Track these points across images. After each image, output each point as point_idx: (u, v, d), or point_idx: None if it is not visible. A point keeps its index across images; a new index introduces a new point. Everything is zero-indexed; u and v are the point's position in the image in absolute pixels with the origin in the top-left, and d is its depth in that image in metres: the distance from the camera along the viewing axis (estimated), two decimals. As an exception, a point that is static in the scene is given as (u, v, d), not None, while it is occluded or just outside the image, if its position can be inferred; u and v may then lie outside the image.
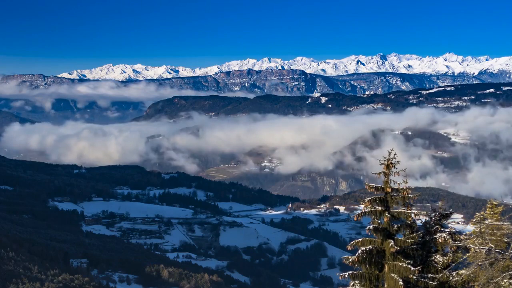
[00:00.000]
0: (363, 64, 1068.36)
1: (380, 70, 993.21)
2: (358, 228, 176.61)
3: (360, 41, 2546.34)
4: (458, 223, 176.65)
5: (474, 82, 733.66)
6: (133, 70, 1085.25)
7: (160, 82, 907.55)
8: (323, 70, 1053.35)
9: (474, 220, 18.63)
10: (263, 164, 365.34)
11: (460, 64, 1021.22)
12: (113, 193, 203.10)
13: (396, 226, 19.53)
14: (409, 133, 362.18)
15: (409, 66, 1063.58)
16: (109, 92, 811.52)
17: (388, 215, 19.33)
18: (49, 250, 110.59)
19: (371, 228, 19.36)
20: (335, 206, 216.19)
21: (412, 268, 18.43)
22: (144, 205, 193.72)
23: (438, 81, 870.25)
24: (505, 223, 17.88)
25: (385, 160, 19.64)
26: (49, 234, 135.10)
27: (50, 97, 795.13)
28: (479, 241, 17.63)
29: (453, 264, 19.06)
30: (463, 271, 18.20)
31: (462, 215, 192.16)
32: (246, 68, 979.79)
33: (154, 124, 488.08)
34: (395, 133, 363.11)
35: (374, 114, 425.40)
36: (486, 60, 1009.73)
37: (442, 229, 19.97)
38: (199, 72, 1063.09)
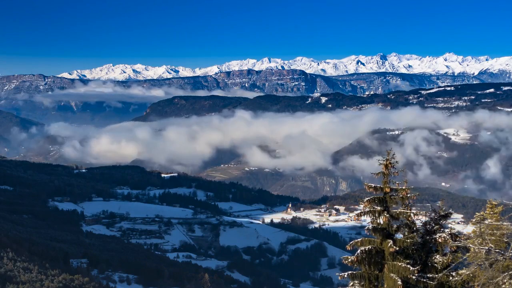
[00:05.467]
0: (363, 64, 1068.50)
1: (380, 70, 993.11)
2: (358, 228, 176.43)
3: (360, 41, 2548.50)
4: (458, 223, 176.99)
5: (474, 82, 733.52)
6: (133, 70, 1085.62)
7: (160, 82, 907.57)
8: (323, 70, 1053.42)
9: (474, 220, 18.60)
10: (263, 164, 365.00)
11: (460, 64, 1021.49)
12: (113, 193, 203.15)
13: (395, 226, 19.50)
14: (409, 132, 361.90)
15: (409, 66, 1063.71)
16: (109, 92, 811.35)
17: (387, 215, 19.30)
18: (49, 250, 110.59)
19: (370, 228, 19.34)
20: (335, 206, 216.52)
21: (411, 268, 18.40)
22: (144, 205, 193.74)
23: (438, 81, 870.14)
24: (504, 223, 17.85)
25: (384, 160, 19.61)
26: (49, 234, 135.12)
27: (50, 97, 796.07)
28: (479, 241, 17.60)
29: (453, 264, 19.03)
30: (463, 271, 18.17)
31: (462, 215, 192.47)
32: (246, 68, 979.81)
33: (154, 124, 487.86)
34: (395, 133, 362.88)
35: (374, 114, 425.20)
36: (486, 60, 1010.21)
37: (442, 229, 19.94)
38: (199, 72, 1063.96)
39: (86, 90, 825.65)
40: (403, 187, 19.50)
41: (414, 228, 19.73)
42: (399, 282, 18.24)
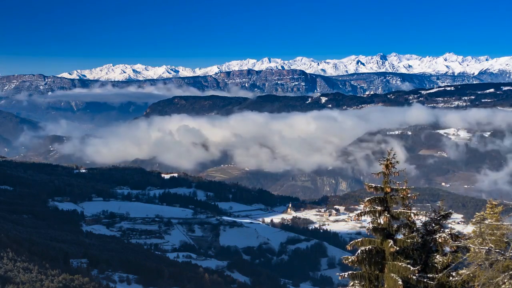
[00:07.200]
0: (363, 64, 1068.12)
1: (380, 70, 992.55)
2: (358, 228, 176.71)
3: (360, 41, 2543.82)
4: (458, 223, 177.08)
5: (474, 82, 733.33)
6: (133, 70, 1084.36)
7: (160, 82, 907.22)
8: (323, 70, 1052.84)
9: (474, 220, 18.62)
10: (263, 164, 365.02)
11: (460, 64, 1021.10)
12: (113, 193, 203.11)
13: (395, 226, 19.53)
14: (409, 133, 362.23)
15: (409, 66, 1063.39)
16: (109, 92, 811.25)
17: (388, 215, 19.32)
18: (49, 250, 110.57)
19: (370, 228, 19.37)
20: (335, 206, 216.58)
21: (412, 268, 18.42)
22: (144, 205, 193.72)
23: (438, 81, 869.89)
24: (504, 223, 17.87)
25: (384, 160, 19.63)
26: (49, 234, 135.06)
27: (50, 97, 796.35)
28: (479, 241, 17.62)
29: (453, 264, 19.05)
30: (463, 271, 18.19)
31: (462, 215, 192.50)
32: (246, 68, 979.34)
33: (154, 124, 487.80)
34: (395, 133, 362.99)
35: (374, 114, 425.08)
36: (486, 60, 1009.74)
37: (442, 229, 19.97)
38: (199, 72, 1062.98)
39: (86, 90, 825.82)
40: (404, 187, 19.53)
41: (414, 228, 19.76)
42: (400, 282, 18.27)
